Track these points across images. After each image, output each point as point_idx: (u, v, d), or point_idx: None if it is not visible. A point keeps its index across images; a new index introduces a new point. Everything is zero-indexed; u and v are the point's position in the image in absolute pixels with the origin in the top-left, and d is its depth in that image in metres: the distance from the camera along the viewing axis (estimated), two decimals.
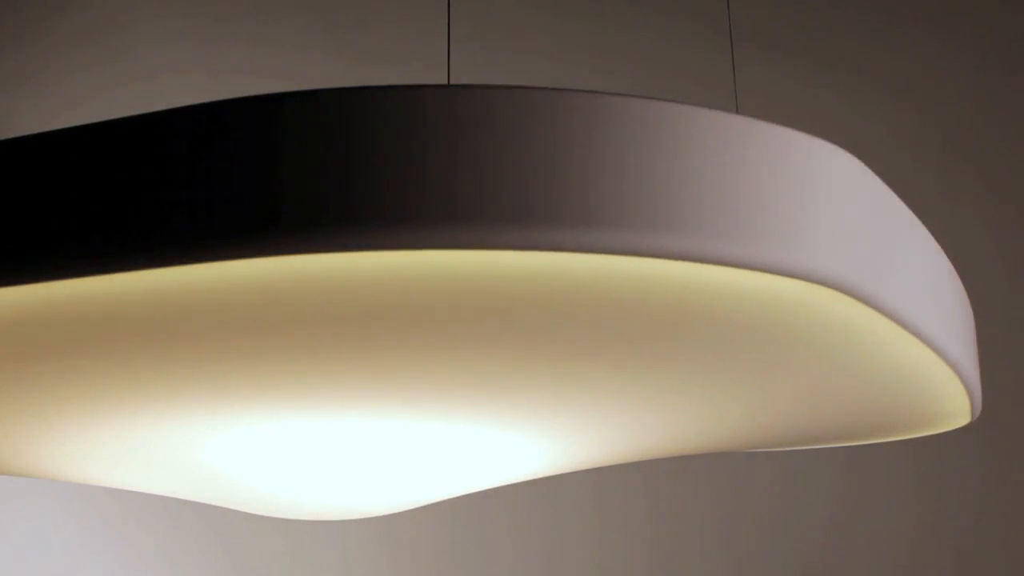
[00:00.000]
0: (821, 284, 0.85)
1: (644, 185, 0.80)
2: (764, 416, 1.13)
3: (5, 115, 2.66)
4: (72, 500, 2.56)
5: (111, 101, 2.67)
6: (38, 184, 0.83)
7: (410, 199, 0.78)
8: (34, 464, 1.22)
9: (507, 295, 0.85)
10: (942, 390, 1.08)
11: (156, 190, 0.80)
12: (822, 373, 1.02)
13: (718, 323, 0.91)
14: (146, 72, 2.69)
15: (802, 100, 2.75)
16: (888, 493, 2.67)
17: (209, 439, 1.12)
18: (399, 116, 0.79)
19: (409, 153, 0.79)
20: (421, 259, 0.80)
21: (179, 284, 0.82)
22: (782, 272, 0.83)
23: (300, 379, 1.00)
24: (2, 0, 2.68)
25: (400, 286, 0.83)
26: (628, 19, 2.78)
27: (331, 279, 0.82)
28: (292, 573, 2.60)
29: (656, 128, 0.82)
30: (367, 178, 0.79)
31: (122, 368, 0.97)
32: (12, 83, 2.66)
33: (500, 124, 0.79)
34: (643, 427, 1.14)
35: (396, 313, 0.87)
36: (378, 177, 0.79)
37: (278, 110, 0.80)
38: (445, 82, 2.36)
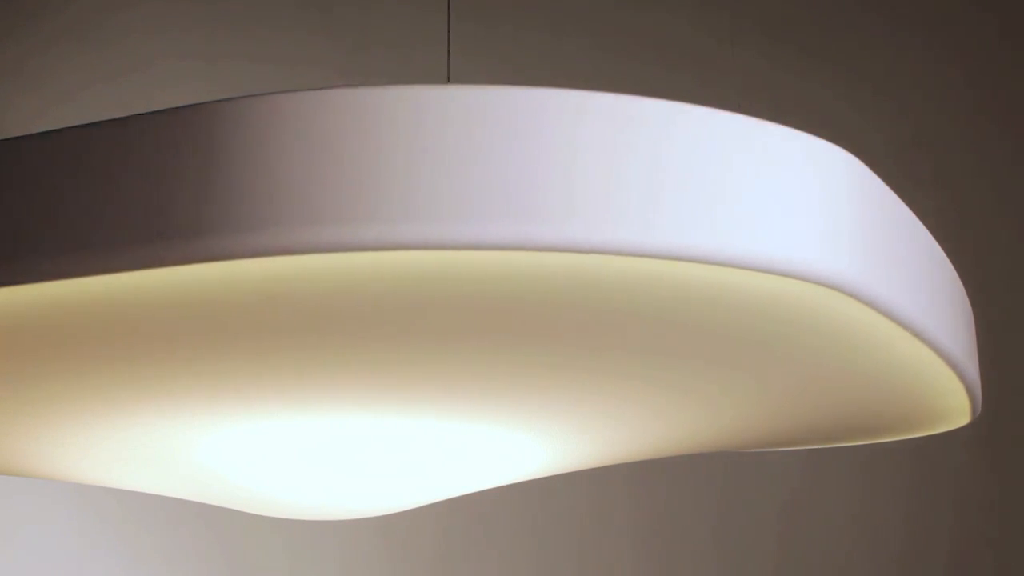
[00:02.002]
0: (820, 284, 0.85)
1: (646, 185, 0.80)
2: (763, 416, 1.13)
3: (1, 109, 2.66)
4: (71, 500, 2.56)
5: (108, 93, 2.67)
6: (37, 184, 0.83)
7: (406, 199, 0.78)
8: (34, 464, 1.22)
9: (504, 295, 0.85)
10: (942, 390, 1.08)
11: (155, 190, 0.80)
12: (821, 373, 1.02)
13: (717, 323, 0.91)
14: (143, 62, 2.68)
15: (802, 96, 2.74)
16: (888, 493, 2.67)
17: (208, 439, 1.12)
18: (403, 116, 0.79)
19: (397, 153, 0.79)
20: (419, 259, 0.80)
21: (179, 284, 0.82)
22: (781, 272, 0.83)
23: (299, 379, 1.00)
24: None
25: (399, 286, 0.83)
26: (627, 17, 2.78)
27: (331, 279, 0.82)
28: (291, 574, 2.60)
29: (656, 128, 0.82)
30: (363, 179, 0.79)
31: (121, 368, 0.97)
32: (7, 76, 2.66)
33: (503, 124, 0.79)
34: (642, 427, 1.13)
35: (395, 313, 0.87)
36: (373, 177, 0.79)
37: (276, 110, 0.80)
38: (445, 73, 2.36)
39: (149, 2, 2.70)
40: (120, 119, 0.82)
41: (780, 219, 0.83)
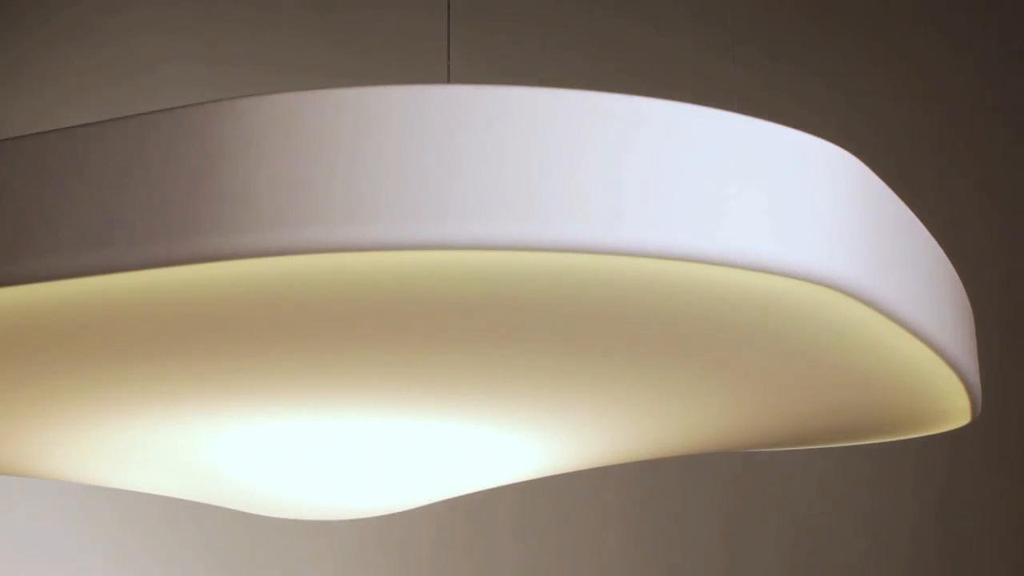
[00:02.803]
0: (821, 284, 0.85)
1: (647, 185, 0.80)
2: (764, 416, 1.13)
3: (2, 110, 2.66)
4: (71, 500, 2.56)
5: (108, 95, 2.66)
6: (37, 184, 0.83)
7: (406, 199, 0.78)
8: (34, 464, 1.22)
9: (505, 295, 0.85)
10: (942, 390, 1.08)
11: (155, 190, 0.80)
12: (822, 373, 1.02)
13: (718, 323, 0.90)
14: (144, 65, 2.68)
15: (802, 98, 2.74)
16: (888, 493, 2.67)
17: (208, 439, 1.12)
18: (403, 116, 0.79)
19: (397, 153, 0.79)
20: (419, 259, 0.80)
21: (179, 284, 0.82)
22: (782, 272, 0.83)
23: (300, 379, 1.00)
24: None
25: (399, 286, 0.83)
26: (627, 18, 2.78)
27: (331, 279, 0.82)
28: (290, 574, 2.60)
29: (659, 128, 0.82)
30: (363, 179, 0.79)
31: (122, 368, 0.97)
32: (7, 77, 2.66)
33: (505, 124, 0.79)
34: (642, 427, 1.13)
35: (396, 314, 0.87)
36: (372, 177, 0.79)
37: (275, 110, 0.80)
38: (445, 75, 2.36)
39: (150, 7, 2.70)
40: (120, 119, 0.82)
41: (780, 219, 0.83)
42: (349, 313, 0.87)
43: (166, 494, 1.31)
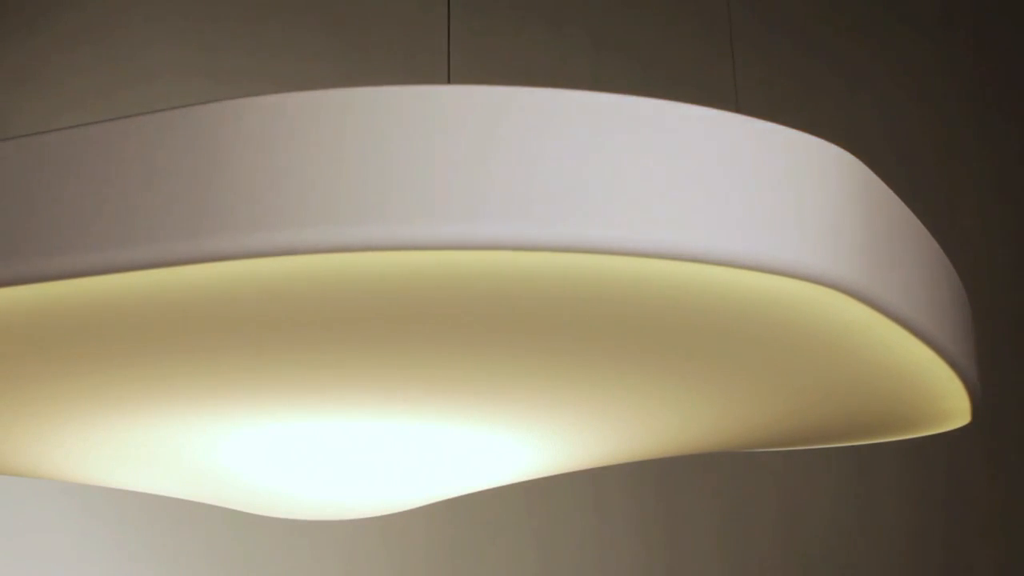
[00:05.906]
0: (821, 284, 0.85)
1: (646, 185, 0.80)
2: (764, 416, 1.13)
3: (5, 114, 2.66)
4: (72, 500, 2.56)
5: (111, 102, 2.67)
6: (38, 184, 0.83)
7: (408, 199, 0.78)
8: (34, 464, 1.22)
9: (505, 296, 0.85)
10: (942, 390, 1.08)
11: (157, 190, 0.80)
12: (822, 373, 1.02)
13: (718, 323, 0.91)
14: (146, 74, 2.69)
15: (801, 98, 2.75)
16: (888, 493, 2.67)
17: (209, 439, 1.12)
18: (403, 116, 0.79)
19: (398, 152, 0.79)
20: (420, 259, 0.80)
21: (179, 284, 0.82)
22: (781, 272, 0.83)
23: (300, 380, 1.00)
24: None
25: (400, 287, 0.83)
26: (627, 18, 2.78)
27: (332, 279, 0.82)
28: (291, 574, 2.60)
29: (656, 129, 0.82)
30: (362, 179, 0.79)
31: (122, 368, 0.97)
32: (12, 83, 2.66)
33: (506, 124, 0.79)
34: (643, 427, 1.13)
35: (396, 314, 0.87)
36: (372, 177, 0.79)
37: (276, 111, 0.80)
38: (445, 75, 2.36)
39: (154, 16, 2.70)
40: (121, 119, 0.82)
41: (781, 219, 0.83)
42: (350, 313, 0.87)
43: (167, 494, 1.31)
